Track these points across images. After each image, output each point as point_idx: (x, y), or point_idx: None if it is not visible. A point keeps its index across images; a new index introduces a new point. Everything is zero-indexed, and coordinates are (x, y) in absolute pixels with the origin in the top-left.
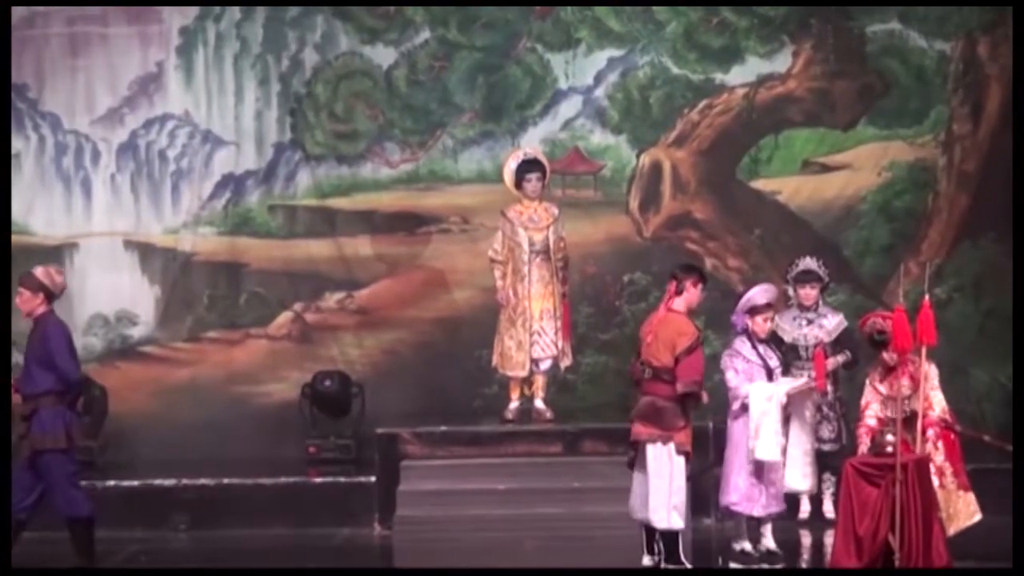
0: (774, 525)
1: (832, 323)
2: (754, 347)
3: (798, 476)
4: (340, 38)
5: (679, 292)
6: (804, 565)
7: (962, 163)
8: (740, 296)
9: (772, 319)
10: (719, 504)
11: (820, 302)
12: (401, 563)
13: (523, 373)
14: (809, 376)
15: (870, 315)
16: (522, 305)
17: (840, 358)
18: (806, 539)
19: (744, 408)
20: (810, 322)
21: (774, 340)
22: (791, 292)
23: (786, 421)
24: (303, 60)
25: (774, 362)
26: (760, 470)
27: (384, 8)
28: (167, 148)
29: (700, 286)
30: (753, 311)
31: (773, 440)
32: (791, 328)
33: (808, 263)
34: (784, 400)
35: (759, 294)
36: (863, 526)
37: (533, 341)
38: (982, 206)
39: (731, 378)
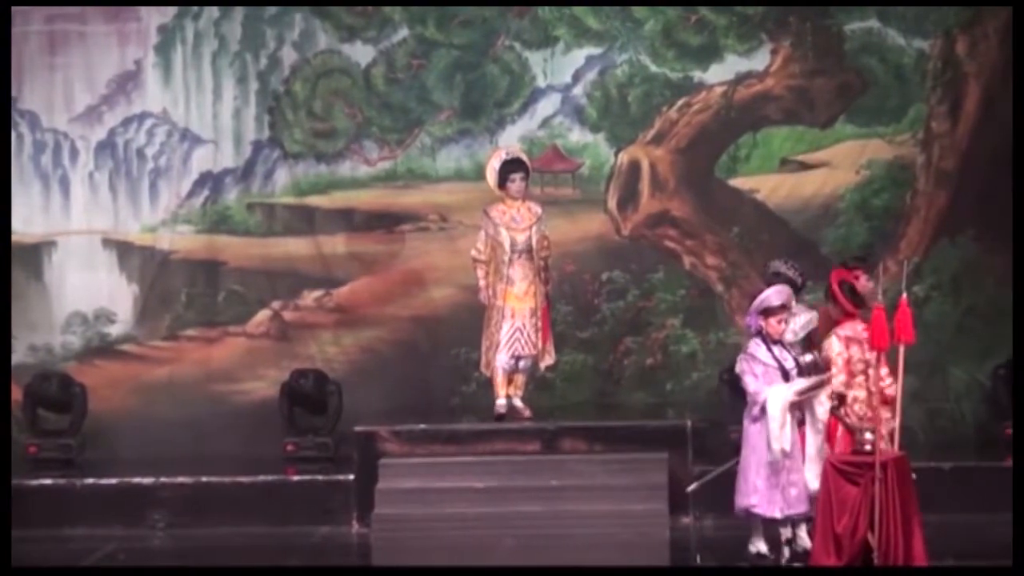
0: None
1: (800, 323)
2: (769, 349)
3: (812, 476)
4: (318, 36)
5: None
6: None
7: (940, 161)
8: (753, 297)
9: (786, 320)
10: (736, 506)
11: (793, 303)
12: (379, 561)
13: (489, 373)
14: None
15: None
16: (498, 304)
17: (808, 357)
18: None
19: (763, 411)
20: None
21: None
22: None
23: (801, 423)
24: (281, 58)
25: (789, 364)
26: (777, 472)
27: (362, 6)
28: (145, 146)
29: (863, 278)
30: (767, 312)
31: (788, 435)
32: None
33: (777, 266)
34: (793, 399)
35: (773, 295)
36: (841, 524)
37: (514, 339)
38: (960, 204)
39: (750, 382)
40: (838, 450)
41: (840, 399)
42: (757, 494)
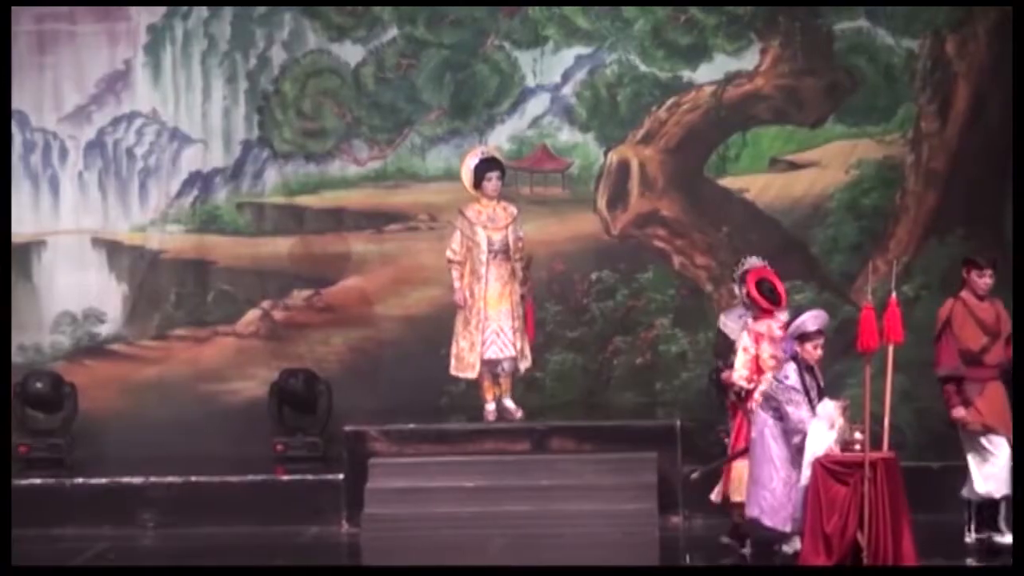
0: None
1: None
2: (801, 376)
3: None
4: (308, 36)
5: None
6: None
7: (930, 161)
8: (789, 322)
9: (823, 346)
10: (746, 516)
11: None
12: (369, 561)
13: (472, 375)
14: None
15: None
16: (477, 306)
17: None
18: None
19: (798, 433)
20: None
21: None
22: (737, 290)
23: None
24: (271, 58)
25: (815, 392)
26: (789, 485)
27: (352, 6)
28: (135, 146)
29: (973, 272)
30: (803, 338)
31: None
32: (735, 326)
33: (752, 262)
34: (835, 449)
35: (809, 320)
36: (831, 524)
37: (491, 341)
38: (950, 204)
39: (792, 412)
40: (740, 442)
41: (739, 393)
42: (766, 506)
